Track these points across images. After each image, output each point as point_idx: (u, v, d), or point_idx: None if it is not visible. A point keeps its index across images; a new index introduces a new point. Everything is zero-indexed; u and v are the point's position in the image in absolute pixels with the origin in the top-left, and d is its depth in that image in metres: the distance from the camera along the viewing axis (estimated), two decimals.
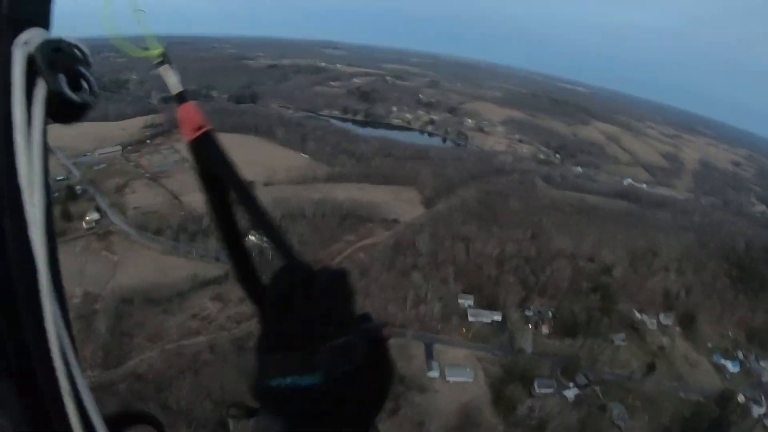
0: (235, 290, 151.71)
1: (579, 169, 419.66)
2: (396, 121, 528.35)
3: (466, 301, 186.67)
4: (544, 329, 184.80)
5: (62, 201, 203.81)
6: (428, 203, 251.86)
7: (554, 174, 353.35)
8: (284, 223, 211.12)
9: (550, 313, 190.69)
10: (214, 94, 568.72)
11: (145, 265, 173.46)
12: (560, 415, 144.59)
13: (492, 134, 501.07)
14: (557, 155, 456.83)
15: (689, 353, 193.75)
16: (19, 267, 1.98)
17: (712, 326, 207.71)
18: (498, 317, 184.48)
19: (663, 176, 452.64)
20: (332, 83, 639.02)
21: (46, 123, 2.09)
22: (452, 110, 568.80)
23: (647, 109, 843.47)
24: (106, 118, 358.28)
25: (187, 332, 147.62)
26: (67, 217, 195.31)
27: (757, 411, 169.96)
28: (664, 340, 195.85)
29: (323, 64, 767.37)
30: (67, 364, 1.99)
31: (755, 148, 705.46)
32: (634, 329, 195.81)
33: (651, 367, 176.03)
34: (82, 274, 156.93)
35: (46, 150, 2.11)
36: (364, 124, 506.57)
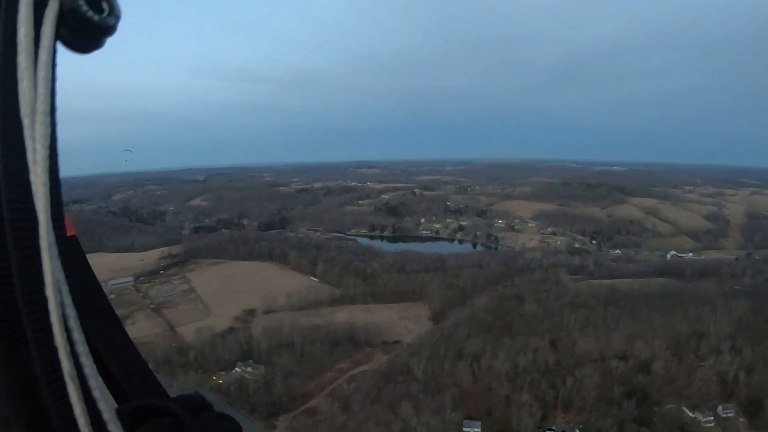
0: None
1: (617, 251, 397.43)
2: (424, 232, 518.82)
3: (473, 429, 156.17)
4: None
5: None
6: (436, 319, 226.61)
7: (587, 263, 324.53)
8: (270, 355, 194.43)
9: (576, 428, 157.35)
10: (245, 222, 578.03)
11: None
12: None
13: (523, 231, 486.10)
14: (593, 241, 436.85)
15: None
16: (13, 213, 1.57)
17: None
18: None
19: (709, 240, 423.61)
20: (361, 202, 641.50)
21: (56, 46, 1.73)
22: (481, 213, 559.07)
23: (685, 174, 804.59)
24: (131, 249, 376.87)
25: None
26: None
27: None
28: None
29: (354, 183, 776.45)
30: (70, 338, 1.59)
31: None
32: (685, 430, 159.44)
33: None
34: None
35: (54, 79, 1.72)
36: (392, 239, 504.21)
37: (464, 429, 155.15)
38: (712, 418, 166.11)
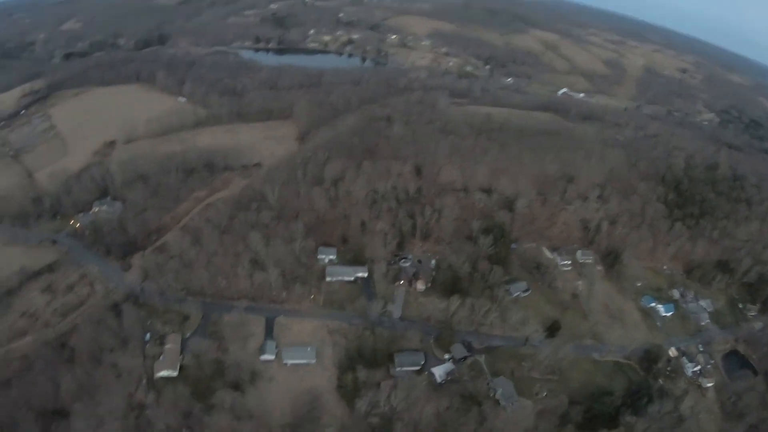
0: (63, 278, 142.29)
1: (509, 80, 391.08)
2: (312, 45, 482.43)
3: (327, 256, 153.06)
4: (420, 285, 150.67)
5: None
6: (302, 139, 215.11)
7: (474, 88, 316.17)
8: (126, 190, 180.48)
9: (433, 263, 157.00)
10: (121, 41, 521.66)
11: None
12: (418, 403, 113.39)
13: (416, 49, 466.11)
14: (486, 67, 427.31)
15: (612, 298, 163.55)
16: None
17: (643, 262, 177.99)
18: (363, 273, 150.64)
19: (603, 84, 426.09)
20: (247, 12, 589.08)
21: None
22: (374, 27, 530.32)
23: (592, 16, 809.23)
24: None
25: (18, 334, 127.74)
26: None
27: (690, 368, 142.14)
28: (580, 285, 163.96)
29: None
30: None
31: (704, 54, 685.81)
32: (541, 274, 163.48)
33: (556, 325, 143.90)
34: None
35: None
36: (277, 52, 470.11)
37: (319, 256, 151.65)
38: (569, 261, 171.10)
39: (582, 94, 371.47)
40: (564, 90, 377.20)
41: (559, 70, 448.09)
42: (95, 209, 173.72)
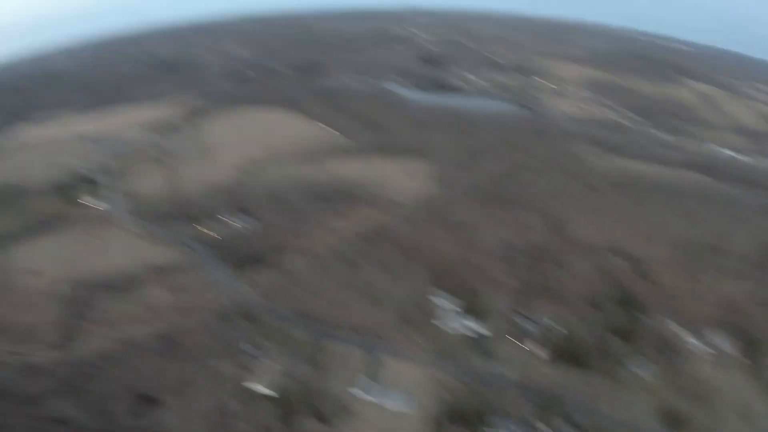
0: (186, 279, 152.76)
1: (661, 134, 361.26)
2: (463, 85, 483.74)
3: (446, 304, 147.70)
4: (537, 349, 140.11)
5: (73, 188, 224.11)
6: (441, 179, 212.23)
7: (623, 140, 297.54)
8: (260, 207, 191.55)
9: (552, 324, 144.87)
10: (281, 68, 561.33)
11: (124, 252, 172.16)
12: None
13: (567, 96, 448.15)
14: (638, 118, 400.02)
15: (752, 400, 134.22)
16: None
17: None
18: (481, 326, 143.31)
19: (764, 143, 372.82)
20: (404, 49, 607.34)
21: None
22: (527, 71, 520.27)
23: (756, 69, 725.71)
24: (156, 100, 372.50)
25: (134, 320, 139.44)
26: (75, 203, 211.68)
27: None
28: (715, 375, 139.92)
29: (398, 29, 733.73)
30: None
31: None
32: (672, 355, 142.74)
33: (679, 418, 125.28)
34: (70, 259, 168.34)
35: None
36: (429, 90, 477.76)
37: (438, 302, 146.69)
38: (706, 345, 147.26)
39: (736, 154, 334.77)
40: (717, 147, 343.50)
41: (715, 125, 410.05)
42: (229, 221, 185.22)
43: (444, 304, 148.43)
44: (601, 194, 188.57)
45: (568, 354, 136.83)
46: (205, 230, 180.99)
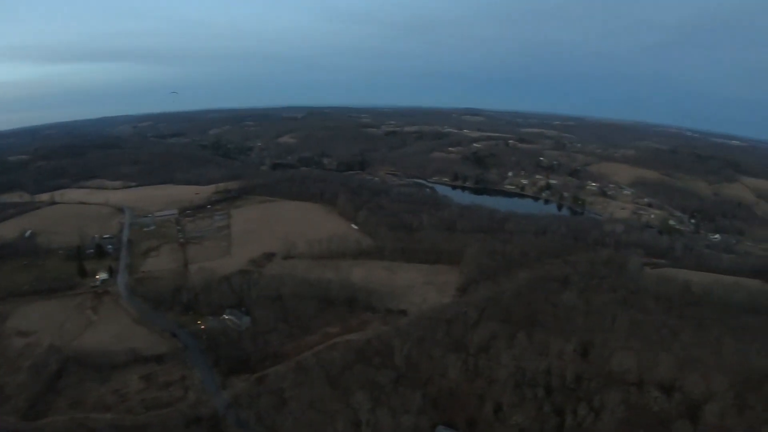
0: (164, 373, 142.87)
1: (716, 236, 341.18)
2: (509, 187, 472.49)
3: None
4: None
5: (87, 258, 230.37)
6: (464, 290, 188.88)
7: (675, 246, 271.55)
8: (261, 306, 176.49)
9: None
10: (326, 161, 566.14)
11: (112, 330, 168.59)
12: None
13: (616, 198, 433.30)
14: (692, 221, 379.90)
15: None
16: None
17: None
18: None
19: None
20: (451, 149, 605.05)
21: None
22: (575, 173, 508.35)
23: None
24: (198, 182, 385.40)
25: (99, 404, 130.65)
26: (83, 273, 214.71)
27: None
28: None
29: (448, 129, 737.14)
30: None
31: None
32: None
33: None
34: (60, 328, 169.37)
35: None
36: (473, 191, 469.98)
37: None
38: None
39: None
40: None
41: None
42: (224, 316, 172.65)
43: None
44: (646, 314, 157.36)
45: None
46: (200, 322, 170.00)
